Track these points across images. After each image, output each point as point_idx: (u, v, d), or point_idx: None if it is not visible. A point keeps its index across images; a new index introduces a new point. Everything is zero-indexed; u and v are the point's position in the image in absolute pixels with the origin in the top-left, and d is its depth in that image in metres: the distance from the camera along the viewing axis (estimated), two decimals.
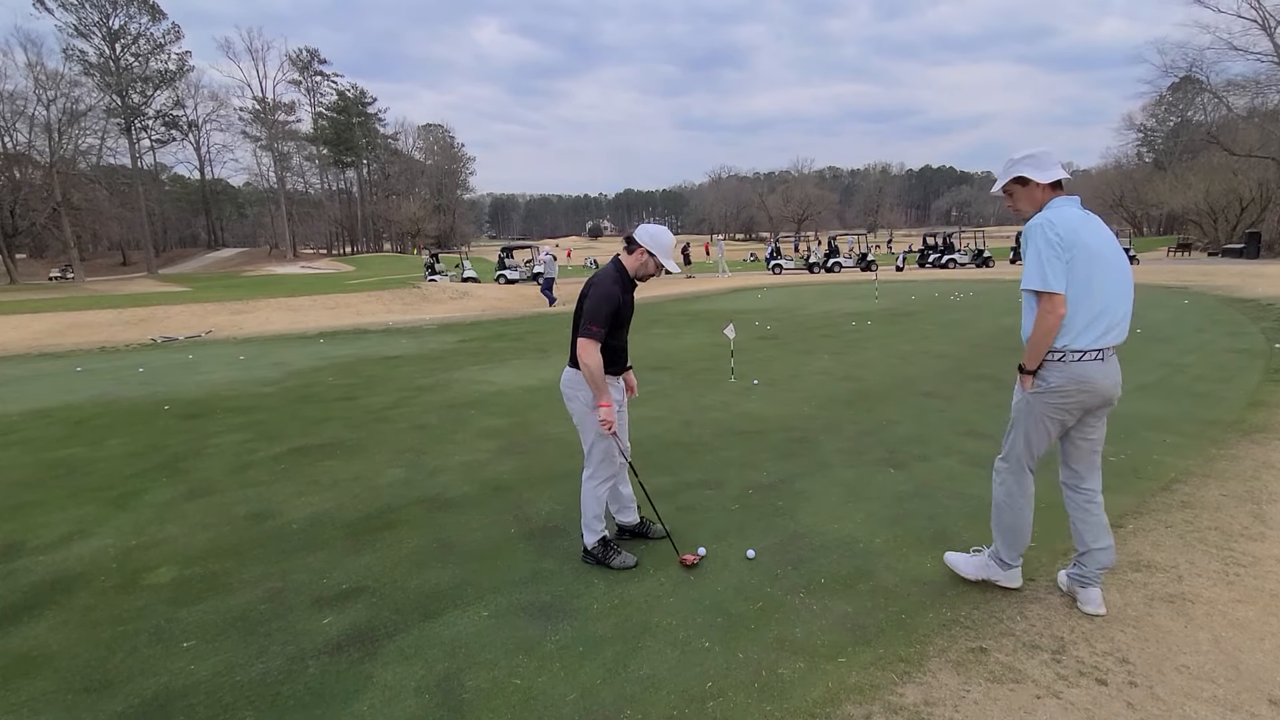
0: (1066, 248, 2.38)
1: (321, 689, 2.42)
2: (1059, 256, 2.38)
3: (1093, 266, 2.42)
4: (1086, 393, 2.48)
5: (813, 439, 5.28)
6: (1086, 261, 2.41)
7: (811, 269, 32.87)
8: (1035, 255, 2.41)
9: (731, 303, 18.54)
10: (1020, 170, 2.55)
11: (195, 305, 19.75)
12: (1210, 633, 2.54)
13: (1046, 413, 2.55)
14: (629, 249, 3.11)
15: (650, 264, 3.10)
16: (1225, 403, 5.89)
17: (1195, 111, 54.62)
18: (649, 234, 3.08)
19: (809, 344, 10.36)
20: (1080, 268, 2.40)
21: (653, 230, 3.10)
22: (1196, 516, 3.58)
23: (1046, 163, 2.54)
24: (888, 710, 2.18)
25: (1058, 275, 2.38)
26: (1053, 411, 2.54)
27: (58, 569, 3.49)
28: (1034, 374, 2.54)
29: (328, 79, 74.97)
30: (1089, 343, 2.43)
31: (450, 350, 11.42)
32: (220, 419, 6.77)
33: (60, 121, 41.85)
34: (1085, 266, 2.40)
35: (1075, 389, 2.47)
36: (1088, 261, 2.41)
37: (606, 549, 3.26)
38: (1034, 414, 2.58)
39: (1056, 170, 2.53)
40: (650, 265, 3.10)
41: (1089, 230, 2.46)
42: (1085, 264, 2.40)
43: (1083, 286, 2.41)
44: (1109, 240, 2.51)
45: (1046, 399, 2.52)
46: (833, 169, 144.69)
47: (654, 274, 3.15)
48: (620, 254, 3.15)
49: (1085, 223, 2.47)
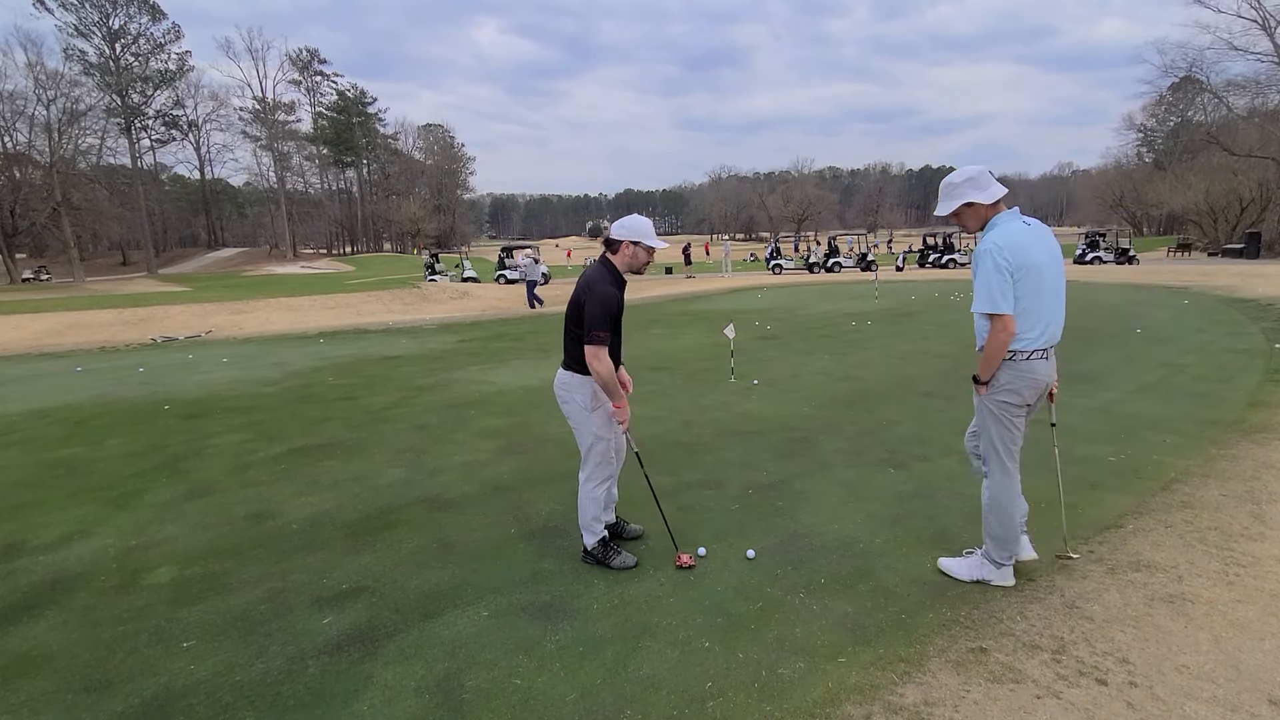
0: (1015, 269, 2.61)
1: (321, 689, 2.42)
2: (1007, 280, 2.61)
3: (1038, 281, 2.67)
4: (1032, 385, 2.76)
5: (813, 439, 5.28)
6: (1033, 279, 2.65)
7: (811, 269, 32.86)
8: (985, 280, 2.63)
9: (731, 303, 18.54)
10: (966, 197, 2.75)
11: (195, 305, 19.75)
12: (1210, 633, 2.54)
13: (1007, 409, 2.78)
14: (612, 250, 3.04)
15: (640, 254, 3.04)
16: (1225, 403, 5.89)
17: (1195, 111, 54.61)
18: (624, 227, 3.01)
19: (809, 344, 10.36)
20: (1028, 284, 2.65)
21: (625, 222, 3.02)
22: (1196, 516, 3.58)
23: (985, 182, 2.74)
24: (888, 710, 2.18)
25: (1007, 298, 2.62)
26: (1013, 403, 2.77)
27: (58, 569, 3.49)
28: (987, 382, 2.79)
29: (328, 79, 75.00)
30: (1033, 344, 2.71)
31: (450, 350, 11.42)
32: (220, 419, 6.77)
33: (60, 121, 41.84)
34: (1032, 282, 2.65)
35: (1024, 384, 2.75)
36: (1034, 278, 2.66)
37: (606, 549, 3.26)
38: (997, 413, 2.80)
39: (996, 188, 2.75)
40: (641, 255, 3.04)
41: (1035, 243, 2.68)
42: (1033, 281, 2.65)
43: (1031, 299, 2.66)
44: (1050, 249, 2.74)
45: (1003, 397, 2.77)
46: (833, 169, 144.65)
47: (648, 261, 3.09)
48: (605, 255, 3.07)
49: (1030, 236, 2.69)
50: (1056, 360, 2.84)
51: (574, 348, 3.05)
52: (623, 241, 3.01)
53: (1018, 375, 2.74)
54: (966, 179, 2.75)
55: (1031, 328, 2.69)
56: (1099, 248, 31.04)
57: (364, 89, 79.88)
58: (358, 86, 79.21)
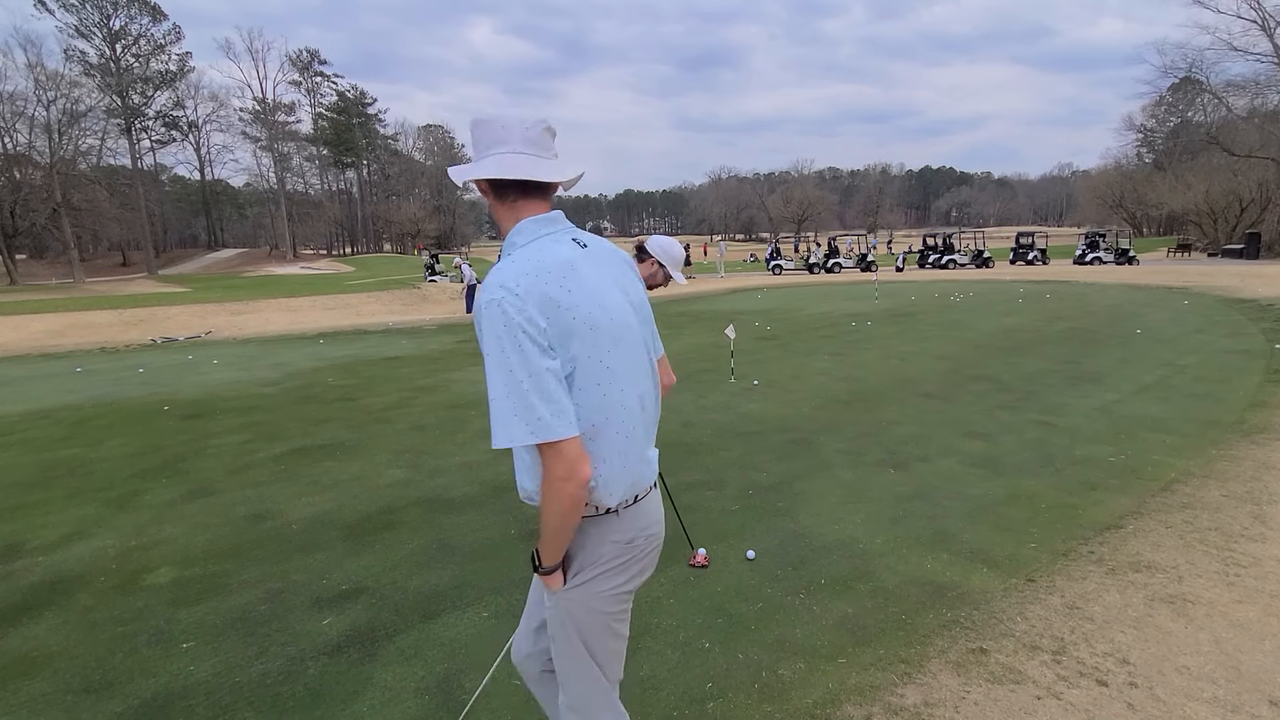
0: (557, 341, 1.23)
1: (321, 689, 2.41)
2: (549, 365, 1.21)
3: (610, 354, 1.30)
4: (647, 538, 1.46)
5: (813, 440, 5.28)
6: (598, 350, 1.28)
7: (811, 269, 32.87)
8: (503, 369, 1.19)
9: (731, 303, 18.54)
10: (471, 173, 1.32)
11: (195, 306, 19.76)
12: (1211, 633, 2.54)
13: (604, 602, 1.41)
14: (640, 257, 3.19)
15: (659, 274, 3.18)
16: (1225, 403, 5.89)
17: (1195, 112, 54.65)
18: (660, 246, 3.17)
19: (809, 345, 10.36)
20: (589, 367, 1.27)
21: (664, 243, 3.18)
22: (1197, 517, 3.58)
23: (500, 137, 1.30)
24: (888, 711, 2.18)
25: (559, 406, 1.20)
26: (618, 588, 1.43)
27: (57, 569, 3.49)
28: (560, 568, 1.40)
29: (328, 79, 75.00)
30: (621, 488, 1.36)
31: (450, 351, 11.42)
32: (220, 419, 6.77)
33: (60, 122, 41.85)
34: (595, 359, 1.28)
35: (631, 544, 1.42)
36: (600, 349, 1.28)
37: None
38: (586, 615, 1.42)
39: (525, 163, 1.29)
40: (659, 275, 3.19)
41: (594, 280, 1.32)
42: (598, 354, 1.28)
43: (597, 399, 1.29)
44: (624, 284, 1.41)
45: (597, 585, 1.40)
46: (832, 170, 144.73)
47: (661, 284, 3.24)
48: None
49: (581, 272, 1.30)
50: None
51: None
52: (652, 256, 3.16)
53: (619, 533, 1.41)
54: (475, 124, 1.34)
55: (609, 454, 1.32)
56: (1099, 248, 31.04)
57: (364, 90, 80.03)
58: (358, 87, 79.29)
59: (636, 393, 1.38)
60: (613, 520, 1.40)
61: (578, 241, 1.36)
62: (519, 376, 1.18)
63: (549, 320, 1.21)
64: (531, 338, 1.19)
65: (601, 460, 1.31)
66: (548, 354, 1.21)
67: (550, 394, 1.19)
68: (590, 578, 1.40)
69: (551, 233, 1.34)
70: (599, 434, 1.30)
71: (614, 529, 1.40)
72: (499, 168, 1.27)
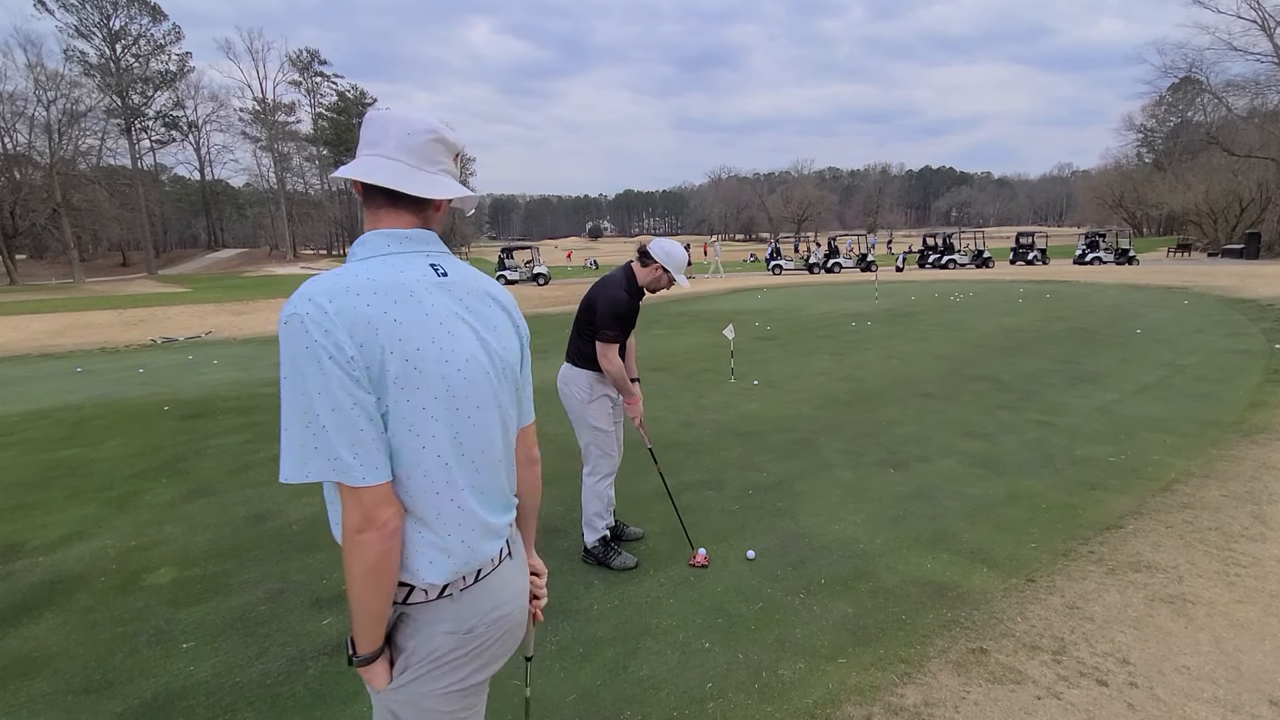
0: (375, 371, 1.02)
1: (321, 689, 2.41)
2: (358, 399, 1.00)
3: (437, 402, 1.08)
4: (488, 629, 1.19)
5: (813, 440, 5.28)
6: (425, 395, 1.06)
7: (811, 269, 32.89)
8: (299, 396, 1.00)
9: (731, 303, 18.54)
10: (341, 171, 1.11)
11: (195, 306, 19.76)
12: (1211, 633, 2.54)
13: (439, 701, 1.16)
14: (643, 261, 3.17)
15: (663, 279, 3.16)
16: (1225, 403, 5.89)
17: (1195, 112, 54.70)
18: (664, 250, 3.14)
19: (809, 345, 10.36)
20: (408, 414, 1.05)
21: (668, 247, 3.16)
22: (1197, 517, 3.58)
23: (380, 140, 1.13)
24: (888, 711, 2.18)
25: (367, 449, 1.01)
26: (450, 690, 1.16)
27: (58, 570, 3.49)
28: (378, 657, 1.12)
29: (328, 79, 75.00)
30: (463, 560, 1.14)
31: None
32: (220, 420, 6.77)
33: (60, 122, 41.91)
34: (418, 406, 1.06)
35: (471, 633, 1.16)
36: (429, 393, 1.07)
37: (607, 549, 3.27)
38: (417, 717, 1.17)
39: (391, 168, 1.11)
40: (663, 280, 3.17)
41: (436, 316, 1.09)
42: (419, 403, 1.06)
43: (412, 456, 1.06)
44: (492, 334, 1.18)
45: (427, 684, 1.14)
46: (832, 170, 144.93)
47: (665, 288, 3.22)
48: (633, 263, 3.19)
49: (422, 302, 1.09)
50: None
51: (577, 341, 3.18)
52: (655, 261, 3.13)
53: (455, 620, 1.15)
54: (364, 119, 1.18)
55: (430, 520, 1.11)
56: (1099, 248, 31.07)
57: (364, 89, 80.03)
58: (357, 87, 79.30)
59: (473, 456, 1.14)
60: (446, 606, 1.14)
61: (436, 268, 1.15)
62: (317, 409, 0.98)
63: (362, 349, 1.00)
64: (340, 364, 0.99)
65: (418, 528, 1.09)
66: (361, 386, 1.00)
67: (357, 434, 1.00)
68: (419, 675, 1.13)
69: (403, 252, 1.12)
70: (414, 496, 1.08)
71: (447, 615, 1.14)
72: (362, 169, 1.11)
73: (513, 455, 1.27)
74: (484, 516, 1.17)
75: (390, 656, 1.15)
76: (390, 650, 1.15)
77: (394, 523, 1.05)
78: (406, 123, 1.14)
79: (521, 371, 1.29)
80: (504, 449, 1.22)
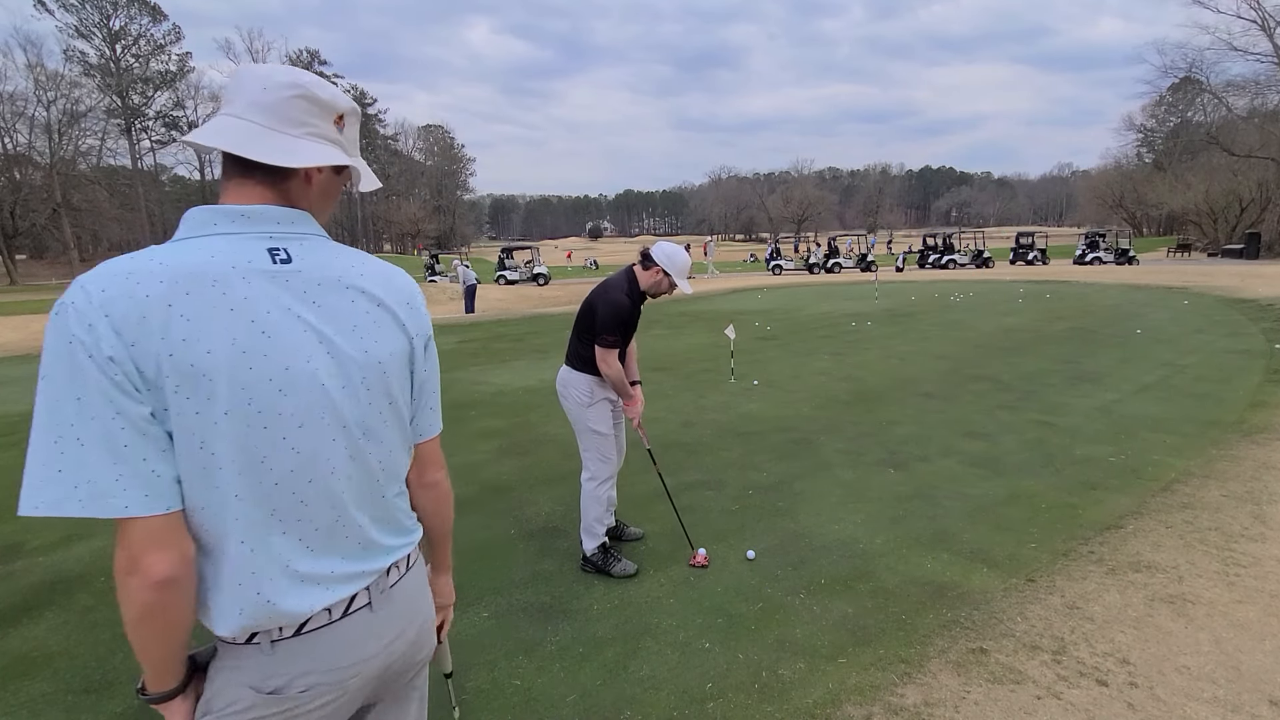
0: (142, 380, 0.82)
1: None
2: (122, 408, 0.80)
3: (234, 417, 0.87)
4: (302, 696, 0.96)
5: (813, 440, 5.28)
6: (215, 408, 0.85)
7: (811, 270, 32.90)
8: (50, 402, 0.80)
9: (731, 303, 18.54)
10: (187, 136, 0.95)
11: None
12: (1211, 633, 2.54)
13: None
14: (645, 265, 3.15)
15: (665, 283, 3.14)
16: (1225, 403, 5.89)
17: (1195, 112, 54.72)
18: (666, 254, 3.12)
19: (809, 345, 10.36)
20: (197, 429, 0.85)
21: (670, 251, 3.14)
22: (1197, 517, 3.58)
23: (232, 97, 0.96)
24: (888, 711, 2.18)
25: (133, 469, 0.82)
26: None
27: (57, 570, 3.49)
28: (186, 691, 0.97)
29: (328, 80, 75.03)
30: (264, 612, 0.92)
31: (450, 350, 11.42)
32: None
33: (60, 122, 41.93)
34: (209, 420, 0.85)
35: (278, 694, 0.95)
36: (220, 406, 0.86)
37: (606, 556, 3.24)
38: None
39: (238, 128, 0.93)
40: (664, 284, 3.15)
41: (251, 312, 0.88)
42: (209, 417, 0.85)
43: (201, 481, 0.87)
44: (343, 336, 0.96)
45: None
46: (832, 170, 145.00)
47: (666, 292, 3.20)
48: (635, 266, 3.17)
49: (233, 294, 0.87)
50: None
51: (577, 345, 3.16)
52: (657, 265, 3.11)
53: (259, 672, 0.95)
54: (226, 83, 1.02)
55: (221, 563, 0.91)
56: (1099, 248, 31.09)
57: (364, 89, 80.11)
58: (357, 87, 79.42)
59: (291, 486, 0.92)
60: (253, 655, 0.94)
61: (275, 253, 0.91)
62: (68, 416, 0.79)
63: (132, 349, 0.80)
64: (99, 365, 0.79)
65: (210, 567, 0.91)
66: (125, 392, 0.80)
67: (119, 450, 0.80)
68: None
69: (232, 232, 0.90)
70: (205, 530, 0.88)
71: (253, 668, 0.94)
72: (205, 132, 0.92)
73: (394, 481, 1.08)
74: (297, 563, 0.93)
75: (199, 691, 0.97)
76: (199, 684, 0.97)
77: (163, 570, 0.83)
78: (263, 77, 0.95)
79: (413, 378, 1.09)
80: (359, 476, 0.99)
